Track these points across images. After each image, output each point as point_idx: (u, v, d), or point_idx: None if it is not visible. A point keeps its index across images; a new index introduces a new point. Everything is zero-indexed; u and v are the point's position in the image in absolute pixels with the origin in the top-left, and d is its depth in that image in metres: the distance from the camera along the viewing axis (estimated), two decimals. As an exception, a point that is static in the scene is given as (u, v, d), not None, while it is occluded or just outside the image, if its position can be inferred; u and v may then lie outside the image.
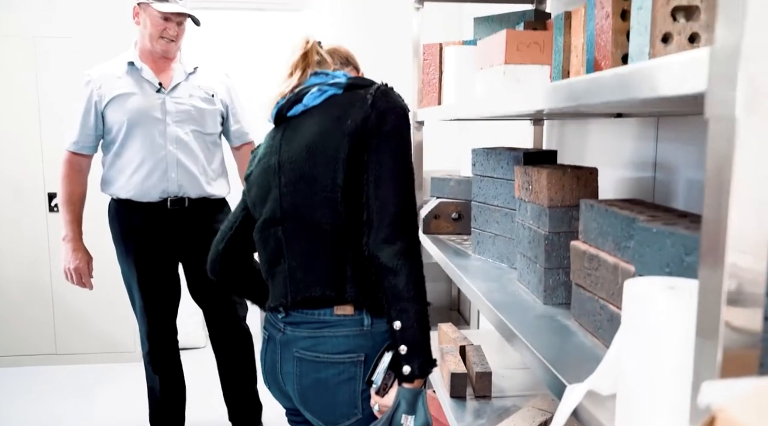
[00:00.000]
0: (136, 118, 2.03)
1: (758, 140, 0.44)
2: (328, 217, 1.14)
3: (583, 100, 0.71)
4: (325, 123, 1.14)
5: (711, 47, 0.46)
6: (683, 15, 0.94)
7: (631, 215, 0.84)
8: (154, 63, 2.10)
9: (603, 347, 0.91)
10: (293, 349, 1.18)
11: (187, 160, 2.09)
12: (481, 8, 2.49)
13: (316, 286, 1.16)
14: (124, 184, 2.07)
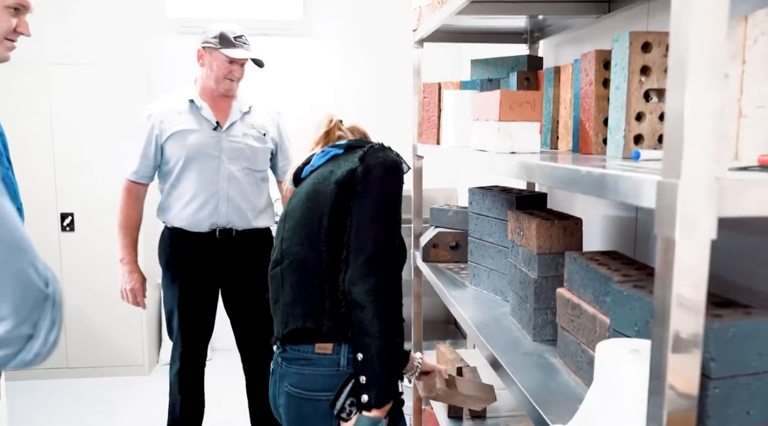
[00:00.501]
0: (194, 154, 2.18)
1: (690, 257, 0.56)
2: (313, 255, 1.28)
3: (563, 187, 0.84)
4: (321, 176, 1.31)
5: (657, 180, 0.59)
6: (656, 94, 1.07)
7: (608, 274, 0.97)
8: (213, 101, 2.24)
9: (584, 387, 1.03)
10: (285, 383, 1.33)
11: (236, 195, 2.23)
12: (478, 48, 2.62)
13: (299, 319, 1.29)
14: (177, 213, 2.22)
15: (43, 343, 0.57)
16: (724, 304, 0.81)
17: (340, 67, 3.64)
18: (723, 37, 0.54)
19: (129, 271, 2.26)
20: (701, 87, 0.54)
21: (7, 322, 0.54)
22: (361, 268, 1.23)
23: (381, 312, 1.22)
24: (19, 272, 0.55)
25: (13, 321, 0.55)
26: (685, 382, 0.59)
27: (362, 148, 1.33)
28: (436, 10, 1.74)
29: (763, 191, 0.57)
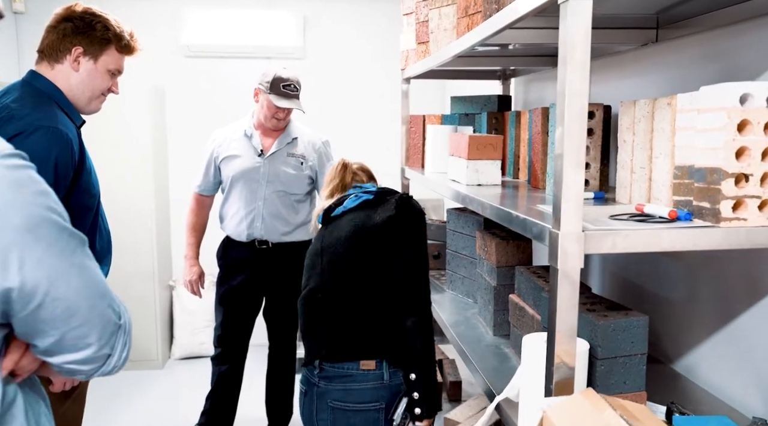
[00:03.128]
0: (239, 176, 2.53)
1: (566, 279, 0.89)
2: (357, 287, 1.53)
3: (503, 223, 1.17)
4: (359, 219, 1.55)
5: (550, 229, 0.92)
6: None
7: (542, 285, 1.30)
8: (264, 131, 2.57)
9: (526, 369, 1.36)
10: (327, 400, 1.55)
11: (270, 214, 2.55)
12: (458, 84, 2.94)
13: (346, 340, 1.54)
14: (226, 223, 2.60)
15: (117, 359, 0.84)
16: (612, 307, 1.14)
17: (335, 88, 3.96)
18: (582, 143, 0.87)
19: (190, 266, 2.65)
20: (570, 176, 0.87)
21: (93, 346, 0.80)
22: (414, 300, 1.51)
23: (428, 339, 1.51)
24: (102, 312, 0.81)
25: (97, 346, 0.81)
26: (567, 358, 0.92)
27: (394, 197, 1.59)
28: (422, 58, 2.07)
29: (611, 238, 0.90)
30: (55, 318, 0.74)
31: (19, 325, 0.73)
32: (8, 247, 0.67)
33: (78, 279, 0.76)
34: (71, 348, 0.78)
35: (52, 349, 0.77)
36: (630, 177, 1.20)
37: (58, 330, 0.75)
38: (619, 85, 1.63)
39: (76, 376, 0.83)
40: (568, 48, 0.85)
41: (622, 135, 1.22)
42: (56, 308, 0.73)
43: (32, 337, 0.76)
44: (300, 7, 3.87)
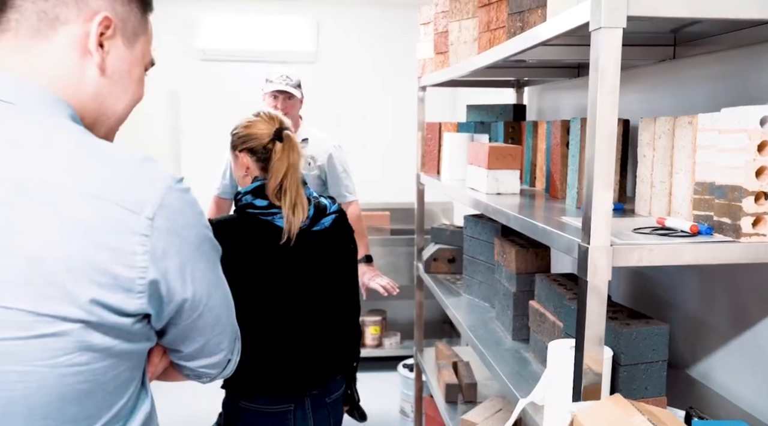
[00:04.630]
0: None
1: (595, 291, 0.95)
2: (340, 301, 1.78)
3: (530, 235, 1.22)
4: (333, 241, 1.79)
5: (578, 243, 0.97)
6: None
7: (563, 293, 1.35)
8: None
9: (546, 373, 1.42)
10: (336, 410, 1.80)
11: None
12: (469, 91, 3.00)
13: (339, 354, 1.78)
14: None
15: (233, 363, 0.91)
16: (634, 316, 1.19)
17: (347, 92, 4.02)
18: (612, 163, 0.92)
19: None
20: (600, 194, 0.92)
21: (224, 351, 0.87)
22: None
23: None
24: (232, 320, 0.88)
25: (227, 350, 0.88)
26: (595, 365, 0.98)
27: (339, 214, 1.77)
28: (440, 67, 2.12)
29: (638, 251, 0.95)
30: (205, 326, 0.80)
31: (175, 332, 0.78)
32: (185, 262, 0.72)
33: (222, 289, 0.83)
34: (208, 353, 0.84)
35: (193, 354, 0.83)
36: (650, 190, 1.25)
37: (204, 337, 0.81)
38: (636, 98, 1.68)
39: (202, 379, 0.89)
40: (600, 74, 0.90)
41: (642, 150, 1.27)
42: (209, 317, 0.80)
43: (180, 344, 0.81)
44: (313, 12, 3.93)
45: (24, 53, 0.71)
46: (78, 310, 0.64)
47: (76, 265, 0.63)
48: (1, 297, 0.62)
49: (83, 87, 0.75)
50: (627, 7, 0.89)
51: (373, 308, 4.00)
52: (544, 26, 1.15)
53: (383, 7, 3.98)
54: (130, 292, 0.67)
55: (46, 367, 0.64)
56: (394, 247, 3.66)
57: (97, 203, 0.65)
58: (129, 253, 0.66)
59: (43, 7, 0.71)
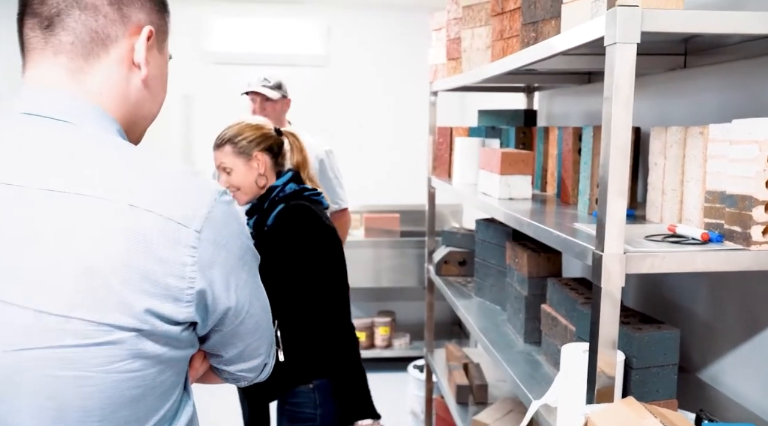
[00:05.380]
0: None
1: (608, 297, 0.97)
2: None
3: (545, 242, 1.25)
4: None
5: (592, 250, 1.00)
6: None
7: (575, 297, 1.38)
8: None
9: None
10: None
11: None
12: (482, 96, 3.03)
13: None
14: None
15: (270, 367, 0.94)
16: (646, 320, 1.22)
17: (357, 96, 4.05)
18: (626, 173, 0.95)
19: None
20: (614, 202, 0.95)
21: (262, 355, 0.90)
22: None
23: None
24: (270, 325, 0.91)
25: (264, 355, 0.91)
26: (608, 368, 1.01)
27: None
28: (452, 73, 2.15)
29: (650, 259, 0.98)
30: (246, 332, 0.83)
31: (217, 338, 0.81)
32: (229, 272, 0.75)
33: (262, 297, 0.85)
34: (247, 357, 0.87)
35: (233, 358, 0.86)
36: (661, 198, 1.28)
37: (244, 342, 0.84)
38: (647, 106, 1.71)
39: (240, 382, 0.92)
40: (615, 87, 0.93)
41: (654, 158, 1.30)
42: (249, 324, 0.82)
43: (221, 349, 0.83)
44: (324, 16, 3.96)
45: (78, 74, 0.74)
46: (133, 320, 0.67)
47: (132, 277, 0.66)
48: (63, 306, 0.65)
49: (127, 98, 0.78)
50: (641, 23, 0.92)
51: (383, 309, 4.04)
52: (558, 38, 1.18)
53: (393, 11, 4.01)
54: (179, 302, 0.70)
55: (102, 372, 0.67)
56: (403, 249, 3.69)
57: (149, 217, 0.68)
58: (179, 265, 0.69)
59: (94, 26, 0.73)
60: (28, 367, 0.66)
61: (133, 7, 0.76)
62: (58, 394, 0.66)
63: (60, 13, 0.72)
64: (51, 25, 0.73)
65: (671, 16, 0.94)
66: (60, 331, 0.65)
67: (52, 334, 0.65)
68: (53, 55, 0.73)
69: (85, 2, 0.73)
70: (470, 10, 1.88)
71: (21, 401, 0.67)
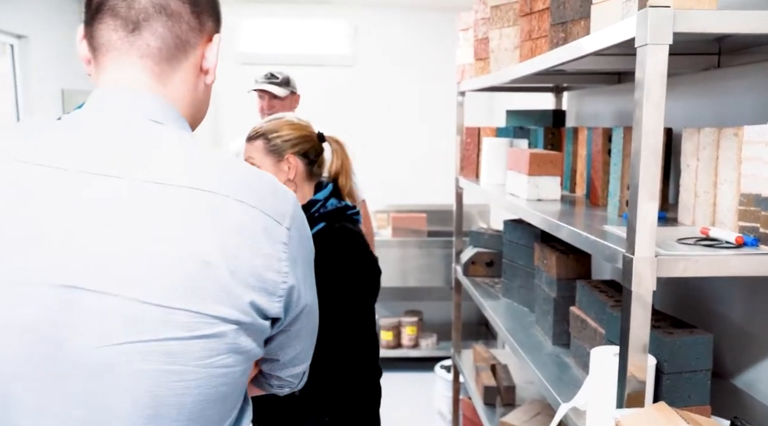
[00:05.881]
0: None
1: (639, 300, 0.96)
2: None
3: (576, 244, 1.24)
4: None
5: (623, 253, 0.99)
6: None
7: (605, 300, 1.37)
8: None
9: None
10: None
11: None
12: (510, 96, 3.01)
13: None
14: None
15: (306, 375, 0.94)
16: (678, 325, 1.21)
17: (384, 96, 4.06)
18: (657, 175, 0.94)
19: None
20: (645, 205, 0.94)
21: (307, 362, 0.91)
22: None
23: None
24: (317, 332, 0.91)
25: (308, 361, 0.91)
26: (638, 373, 1.00)
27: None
28: (480, 73, 2.14)
29: (683, 262, 0.97)
30: (307, 333, 0.84)
31: (283, 338, 0.81)
32: (307, 270, 0.79)
33: (317, 300, 0.86)
34: (299, 361, 0.87)
35: (288, 361, 0.85)
36: (693, 200, 1.26)
37: (302, 344, 0.84)
38: (679, 106, 1.68)
39: (284, 389, 0.91)
40: (646, 89, 0.92)
41: (686, 159, 1.28)
42: (311, 324, 0.84)
43: (280, 351, 0.83)
44: (351, 16, 3.98)
45: (162, 77, 0.76)
46: (237, 313, 0.68)
47: (240, 269, 0.67)
48: (167, 298, 0.65)
49: (194, 102, 0.81)
50: (673, 24, 0.91)
51: (410, 309, 4.05)
52: (588, 39, 1.17)
53: (420, 11, 4.01)
54: (273, 296, 0.71)
55: (201, 367, 0.66)
56: (431, 249, 3.69)
57: (252, 212, 0.70)
58: (277, 260, 0.71)
59: (178, 33, 0.76)
60: (128, 360, 0.64)
61: (207, 16, 0.79)
62: (157, 390, 0.65)
63: (149, 18, 0.74)
64: (138, 28, 0.74)
65: (704, 17, 0.93)
66: (164, 323, 0.65)
67: (156, 326, 0.64)
68: (138, 58, 0.75)
69: (172, 9, 0.75)
70: (498, 10, 1.87)
71: (117, 397, 0.65)
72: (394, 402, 3.37)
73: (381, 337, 3.76)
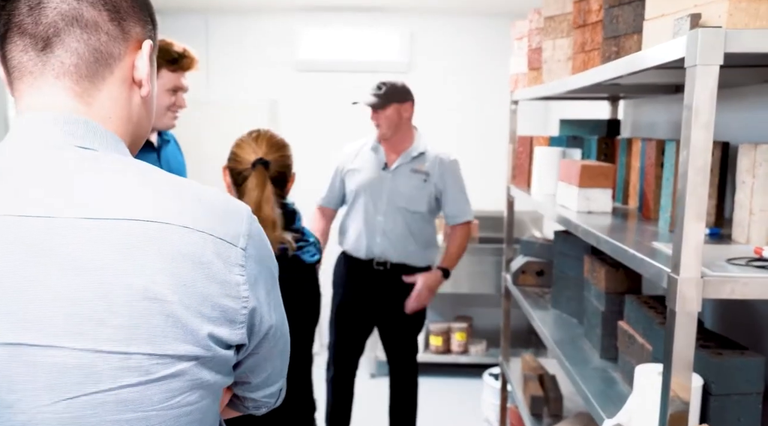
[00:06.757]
0: (361, 189, 2.59)
1: (683, 321, 0.96)
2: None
3: (618, 258, 1.24)
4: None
5: (668, 273, 0.99)
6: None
7: (653, 316, 1.35)
8: (390, 146, 2.61)
9: (634, 395, 1.42)
10: None
11: (391, 230, 2.56)
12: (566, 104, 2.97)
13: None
14: (347, 238, 2.65)
15: (283, 393, 0.90)
16: (727, 345, 1.18)
17: (440, 102, 4.08)
18: (704, 195, 0.93)
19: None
20: (691, 226, 0.94)
21: (282, 380, 0.84)
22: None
23: None
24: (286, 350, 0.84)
25: (283, 379, 0.85)
26: (682, 393, 0.99)
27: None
28: (533, 83, 2.14)
29: (730, 284, 0.96)
30: (277, 353, 0.79)
31: (251, 362, 0.76)
32: (269, 289, 0.74)
33: (285, 317, 0.82)
34: (272, 382, 0.83)
35: (261, 383, 0.81)
36: (748, 218, 1.23)
37: (272, 364, 0.80)
38: (738, 118, 1.64)
39: (260, 410, 0.87)
40: (695, 109, 0.92)
41: (741, 176, 1.25)
42: (281, 343, 0.79)
43: (250, 374, 0.78)
44: (407, 23, 4.02)
45: (85, 97, 0.69)
46: (195, 348, 0.63)
47: (193, 301, 0.63)
48: (120, 343, 0.60)
49: (131, 119, 0.74)
50: (724, 45, 0.90)
51: (460, 315, 4.05)
52: (639, 56, 1.16)
53: (475, 17, 4.01)
54: (234, 324, 0.67)
55: (164, 409, 0.63)
56: (482, 256, 3.69)
57: (202, 237, 0.65)
58: (234, 284, 0.67)
59: (96, 45, 0.68)
60: (83, 415, 0.60)
61: (131, 21, 0.71)
62: None
63: (59, 32, 0.66)
64: (48, 45, 0.66)
65: (757, 36, 0.91)
66: (119, 370, 0.60)
67: (111, 375, 0.60)
68: (54, 79, 0.67)
69: (86, 19, 0.67)
70: (552, 21, 1.87)
71: None
72: (442, 407, 3.39)
73: (430, 342, 3.78)
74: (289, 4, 3.88)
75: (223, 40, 4.06)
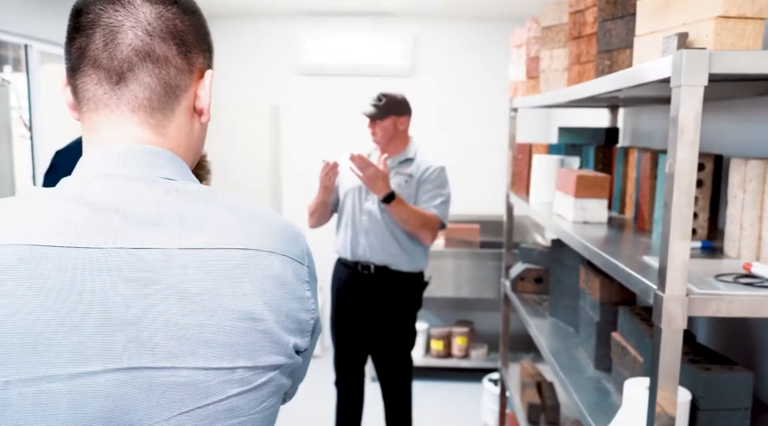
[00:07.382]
0: (349, 190, 2.61)
1: (669, 337, 0.97)
2: None
3: (608, 271, 1.25)
4: None
5: (654, 290, 1.00)
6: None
7: (645, 329, 1.36)
8: (383, 150, 2.60)
9: (626, 406, 1.43)
10: None
11: (374, 231, 2.56)
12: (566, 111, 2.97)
13: None
14: (337, 240, 2.67)
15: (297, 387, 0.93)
16: (715, 359, 1.19)
17: (441, 107, 4.09)
18: (689, 215, 0.94)
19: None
20: (676, 245, 0.95)
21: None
22: None
23: None
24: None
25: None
26: (669, 407, 1.00)
27: None
28: (531, 92, 2.15)
29: (716, 302, 0.96)
30: (312, 352, 0.83)
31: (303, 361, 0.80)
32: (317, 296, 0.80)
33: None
34: (304, 375, 0.87)
35: (296, 379, 0.84)
36: (739, 232, 1.24)
37: (309, 360, 0.84)
38: (731, 130, 1.64)
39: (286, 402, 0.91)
40: (679, 129, 0.93)
41: (732, 190, 1.26)
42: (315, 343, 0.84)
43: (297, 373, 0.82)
44: (409, 28, 4.03)
45: (160, 129, 0.73)
46: (283, 358, 0.71)
47: (281, 318, 0.70)
48: (228, 359, 0.67)
49: (191, 146, 0.78)
50: (709, 66, 0.91)
51: (461, 319, 4.06)
52: (630, 72, 1.17)
53: (478, 22, 4.01)
54: (306, 333, 0.75)
55: (257, 413, 0.70)
56: (483, 261, 3.69)
57: (283, 261, 0.72)
58: (306, 299, 0.74)
59: (166, 79, 0.71)
60: (199, 425, 0.67)
61: (195, 52, 0.74)
62: None
63: (133, 67, 0.69)
64: (123, 80, 0.70)
65: (742, 57, 0.92)
66: (226, 383, 0.67)
67: (220, 387, 0.67)
68: (130, 112, 0.71)
69: (158, 55, 0.70)
70: (549, 31, 1.88)
71: None
72: (441, 412, 3.40)
73: (431, 347, 3.79)
74: (291, 9, 3.90)
75: (226, 44, 4.09)
